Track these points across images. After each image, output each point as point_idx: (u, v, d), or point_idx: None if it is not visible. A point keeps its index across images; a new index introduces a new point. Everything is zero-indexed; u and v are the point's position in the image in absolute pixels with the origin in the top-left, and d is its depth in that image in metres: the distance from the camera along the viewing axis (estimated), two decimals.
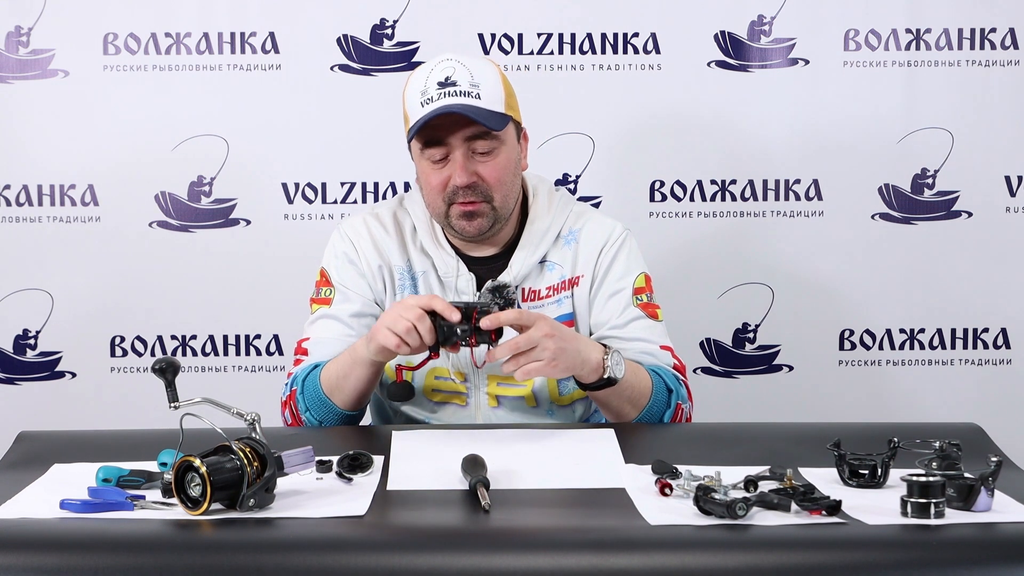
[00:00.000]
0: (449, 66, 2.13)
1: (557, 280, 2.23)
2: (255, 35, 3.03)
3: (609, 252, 2.24)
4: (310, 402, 2.14)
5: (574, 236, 2.25)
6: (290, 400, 2.17)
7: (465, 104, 2.10)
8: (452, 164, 2.14)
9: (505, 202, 2.17)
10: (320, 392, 2.13)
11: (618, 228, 2.27)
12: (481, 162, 2.14)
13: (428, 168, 2.16)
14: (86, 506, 1.60)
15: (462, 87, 2.11)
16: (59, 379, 3.07)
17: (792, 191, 3.10)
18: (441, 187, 2.14)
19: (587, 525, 1.62)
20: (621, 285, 2.23)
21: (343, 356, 2.13)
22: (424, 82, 2.13)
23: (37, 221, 3.04)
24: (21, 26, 3.00)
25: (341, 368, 2.12)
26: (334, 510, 1.59)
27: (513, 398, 2.21)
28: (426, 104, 2.11)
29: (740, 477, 1.68)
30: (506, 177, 2.16)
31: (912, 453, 1.72)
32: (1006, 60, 3.07)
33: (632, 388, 2.10)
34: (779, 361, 3.14)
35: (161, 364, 1.72)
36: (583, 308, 2.23)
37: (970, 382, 3.15)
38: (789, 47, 3.06)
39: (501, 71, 2.20)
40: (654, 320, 2.23)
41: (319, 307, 2.25)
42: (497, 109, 2.13)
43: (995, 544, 1.52)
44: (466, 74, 2.12)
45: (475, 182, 2.13)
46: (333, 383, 2.12)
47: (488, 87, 2.13)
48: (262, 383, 3.08)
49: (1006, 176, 3.11)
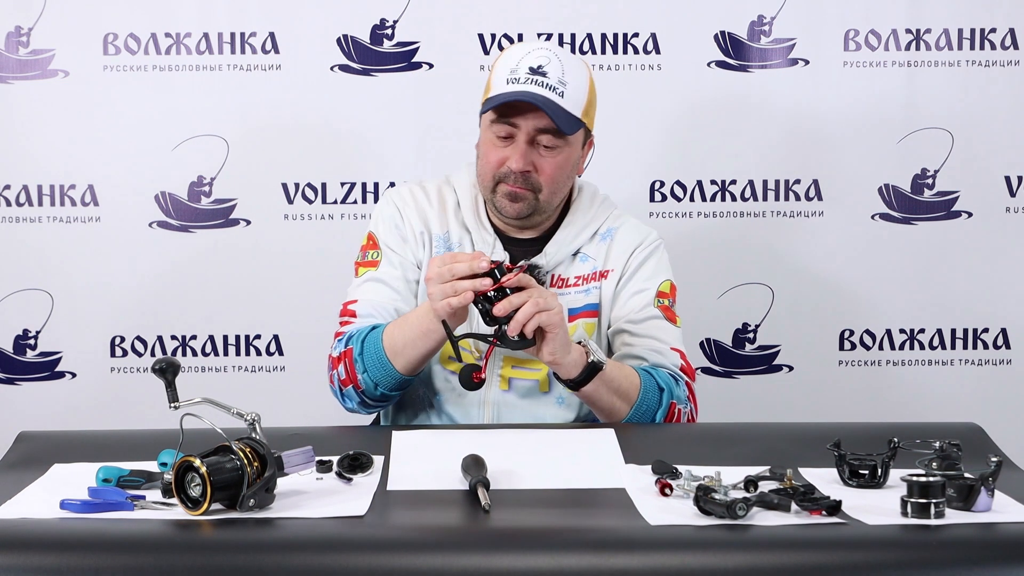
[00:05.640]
0: (545, 55, 2.17)
1: (588, 271, 2.27)
2: (255, 35, 3.03)
3: (641, 253, 2.29)
4: (369, 363, 2.14)
5: (611, 234, 2.29)
6: (345, 357, 2.17)
7: (547, 98, 2.14)
8: (514, 147, 2.18)
9: (551, 199, 2.22)
10: (383, 355, 2.12)
11: (654, 235, 2.33)
12: (542, 155, 2.18)
13: (491, 141, 2.20)
14: (86, 506, 1.60)
15: (550, 80, 2.15)
16: (59, 379, 3.07)
17: (792, 191, 3.10)
18: (497, 164, 2.19)
19: (587, 525, 1.62)
20: (646, 285, 2.26)
21: (409, 323, 2.12)
22: (517, 61, 2.17)
23: (37, 221, 3.04)
24: (21, 26, 3.00)
25: (407, 335, 2.11)
26: (334, 510, 1.59)
27: (526, 382, 2.22)
28: (511, 83, 2.15)
29: (740, 477, 1.68)
30: (560, 177, 2.20)
31: (912, 453, 1.72)
32: (1006, 60, 3.08)
33: (617, 380, 2.10)
34: (779, 361, 3.14)
35: (161, 364, 1.72)
36: (607, 300, 2.27)
37: (970, 382, 3.15)
38: (789, 47, 3.06)
39: (592, 77, 2.23)
40: (671, 324, 2.26)
41: (366, 270, 2.27)
42: (575, 112, 2.18)
43: (995, 544, 1.52)
44: (558, 69, 2.16)
45: (529, 172, 2.18)
46: (398, 348, 2.12)
47: (574, 88, 2.17)
48: (262, 383, 3.08)
49: (1006, 176, 3.11)
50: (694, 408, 2.22)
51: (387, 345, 2.13)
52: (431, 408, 2.27)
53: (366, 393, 2.17)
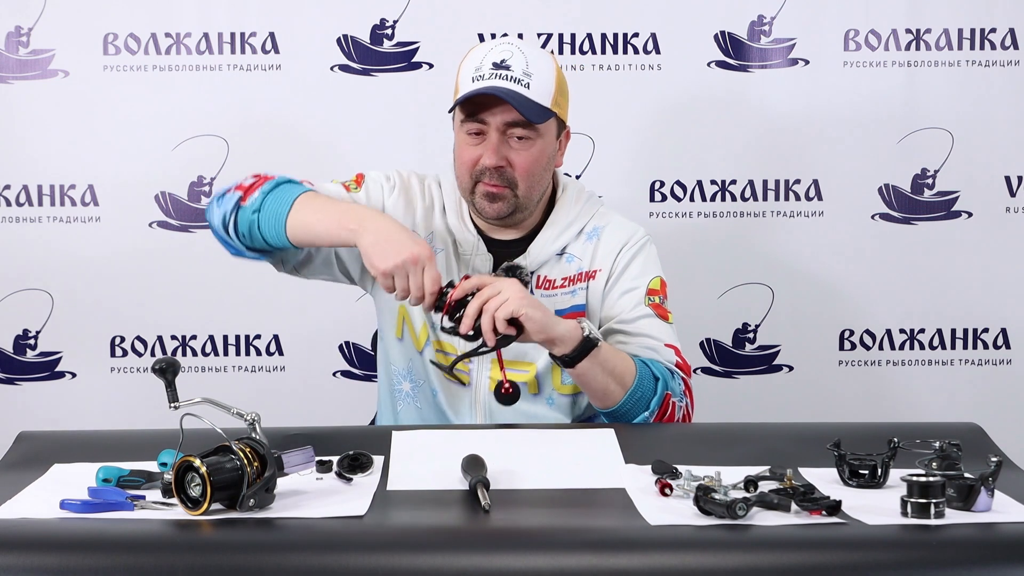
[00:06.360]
0: (508, 49, 2.17)
1: (574, 272, 2.26)
2: (255, 35, 3.03)
3: (629, 251, 2.27)
4: (268, 212, 2.11)
5: (597, 233, 2.28)
6: (252, 189, 2.15)
7: (512, 90, 2.14)
8: (486, 143, 2.17)
9: (529, 193, 2.21)
10: (284, 213, 2.09)
11: (640, 232, 2.31)
12: (514, 149, 2.18)
13: (463, 141, 2.20)
14: (86, 506, 1.60)
15: (515, 73, 2.15)
16: (59, 379, 3.07)
17: (792, 191, 3.10)
18: (472, 163, 2.19)
19: (587, 525, 1.62)
20: (636, 284, 2.25)
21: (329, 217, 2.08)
22: (481, 59, 2.17)
23: (37, 221, 3.04)
24: (21, 26, 3.00)
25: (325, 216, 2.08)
26: (334, 510, 1.59)
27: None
28: (476, 80, 2.16)
29: (740, 477, 1.68)
30: (535, 169, 2.20)
31: (912, 453, 1.72)
32: (1006, 60, 3.07)
33: (611, 361, 2.09)
34: (779, 361, 3.14)
35: (161, 364, 1.72)
36: (596, 302, 2.26)
37: (970, 382, 3.14)
38: (789, 47, 3.06)
39: (558, 67, 2.23)
40: (663, 321, 2.25)
41: (338, 184, 2.28)
42: (543, 102, 2.17)
43: (995, 544, 1.52)
44: (522, 61, 2.16)
45: (503, 167, 2.17)
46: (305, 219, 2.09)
47: (540, 79, 2.16)
48: (262, 383, 3.08)
49: (1006, 176, 3.11)
50: (690, 404, 2.21)
51: (298, 206, 2.10)
52: (425, 404, 2.27)
53: (240, 220, 2.14)
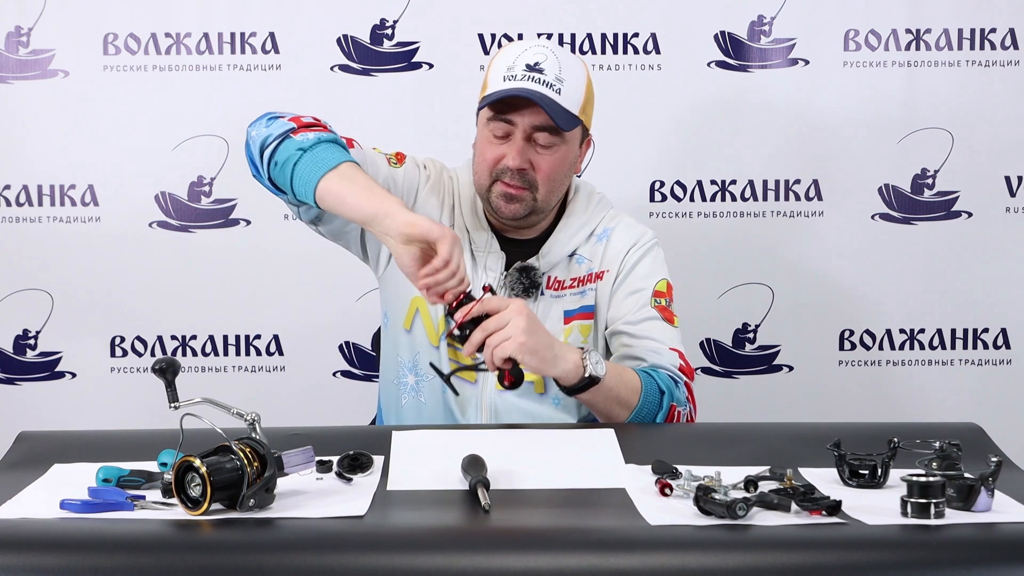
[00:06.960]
0: (542, 52, 2.17)
1: (584, 273, 2.27)
2: (255, 35, 3.03)
3: (636, 253, 2.28)
4: (314, 157, 2.04)
5: (607, 234, 2.29)
6: (309, 128, 2.08)
7: (544, 95, 2.13)
8: (511, 144, 2.17)
9: (548, 198, 2.21)
10: (317, 175, 2.02)
11: (649, 234, 2.32)
12: (538, 153, 2.18)
13: (487, 139, 2.20)
14: (86, 506, 1.60)
15: (547, 77, 2.14)
16: (59, 379, 3.07)
17: (792, 191, 3.10)
18: (493, 162, 2.19)
19: (587, 525, 1.61)
20: (642, 285, 2.26)
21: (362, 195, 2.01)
22: (514, 58, 2.17)
23: (37, 221, 3.04)
24: (21, 26, 3.00)
25: (361, 191, 2.01)
26: (334, 510, 1.59)
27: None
28: (508, 80, 2.15)
29: (740, 477, 1.68)
30: (557, 175, 2.20)
31: (912, 453, 1.72)
32: (1006, 60, 3.08)
33: (616, 389, 2.10)
34: (779, 361, 3.14)
35: (161, 364, 1.72)
36: (604, 302, 2.26)
37: (970, 382, 3.15)
38: (789, 47, 3.06)
39: (589, 75, 2.23)
40: (669, 324, 2.25)
41: (380, 152, 2.26)
42: (572, 110, 2.17)
43: (995, 544, 1.51)
44: (556, 66, 2.15)
45: (526, 170, 2.17)
46: (337, 189, 2.01)
47: (571, 85, 2.16)
48: (262, 383, 3.08)
49: (1006, 176, 3.11)
50: (693, 409, 2.22)
51: (337, 174, 2.02)
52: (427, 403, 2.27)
53: (281, 149, 2.06)
